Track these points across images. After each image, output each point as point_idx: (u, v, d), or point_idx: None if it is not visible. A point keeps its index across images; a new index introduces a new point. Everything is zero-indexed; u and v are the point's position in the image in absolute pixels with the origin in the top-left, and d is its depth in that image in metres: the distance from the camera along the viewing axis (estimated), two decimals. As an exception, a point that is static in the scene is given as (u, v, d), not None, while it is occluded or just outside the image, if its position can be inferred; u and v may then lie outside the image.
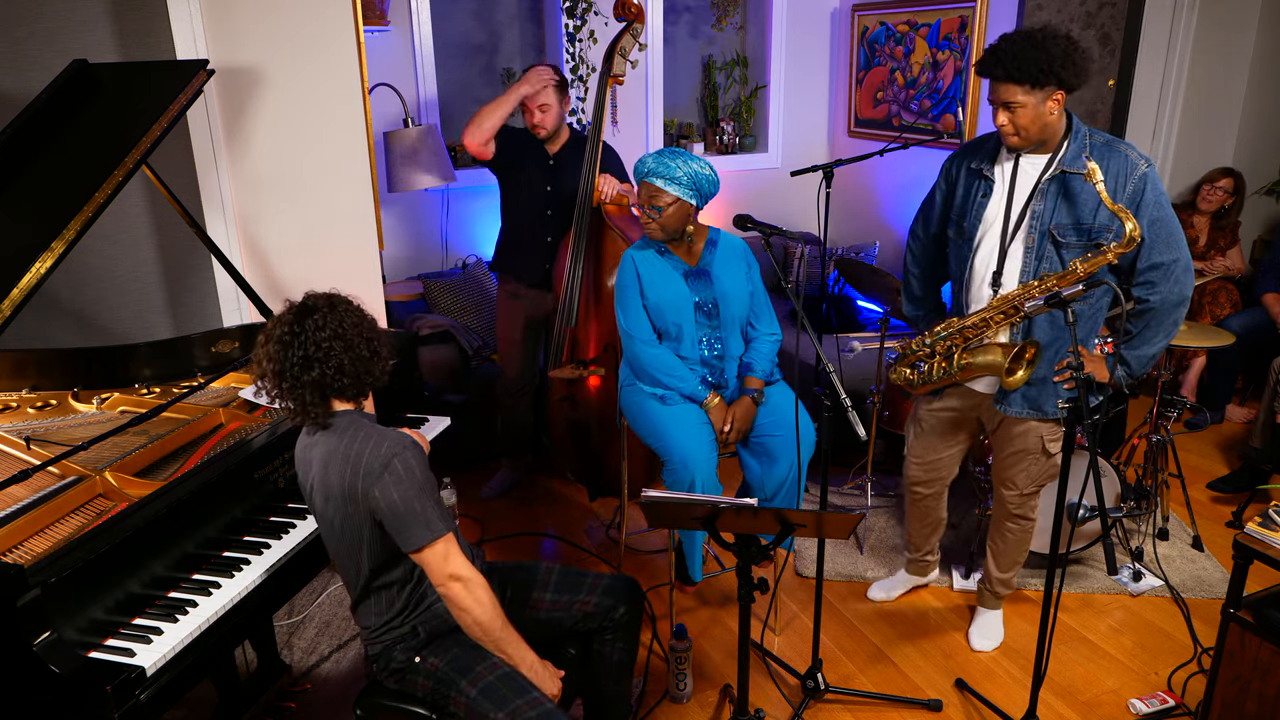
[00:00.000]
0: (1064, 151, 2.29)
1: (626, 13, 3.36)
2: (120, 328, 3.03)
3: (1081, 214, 2.29)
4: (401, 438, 1.78)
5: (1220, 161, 4.84)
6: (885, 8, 4.89)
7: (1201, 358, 4.38)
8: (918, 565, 3.05)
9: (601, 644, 2.14)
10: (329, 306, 1.79)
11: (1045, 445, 2.55)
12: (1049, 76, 2.17)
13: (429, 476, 1.78)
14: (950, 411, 2.66)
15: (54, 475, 1.98)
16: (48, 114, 2.41)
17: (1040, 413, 2.48)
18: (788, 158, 5.31)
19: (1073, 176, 2.28)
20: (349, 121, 3.02)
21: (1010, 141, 2.30)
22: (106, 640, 1.69)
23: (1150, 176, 2.25)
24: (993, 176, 2.40)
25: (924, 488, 2.84)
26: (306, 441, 1.86)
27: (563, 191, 3.46)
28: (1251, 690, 2.13)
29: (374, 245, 3.19)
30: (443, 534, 1.75)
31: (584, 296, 3.37)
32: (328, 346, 1.74)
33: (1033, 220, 2.33)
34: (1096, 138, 2.31)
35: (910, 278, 2.75)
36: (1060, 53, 2.17)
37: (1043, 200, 2.32)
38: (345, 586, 1.96)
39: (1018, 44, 2.19)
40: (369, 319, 1.84)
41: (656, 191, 2.63)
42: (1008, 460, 2.62)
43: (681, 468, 2.59)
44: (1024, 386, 2.43)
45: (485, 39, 4.75)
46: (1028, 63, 2.16)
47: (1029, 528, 2.73)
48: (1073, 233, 2.30)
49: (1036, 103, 2.21)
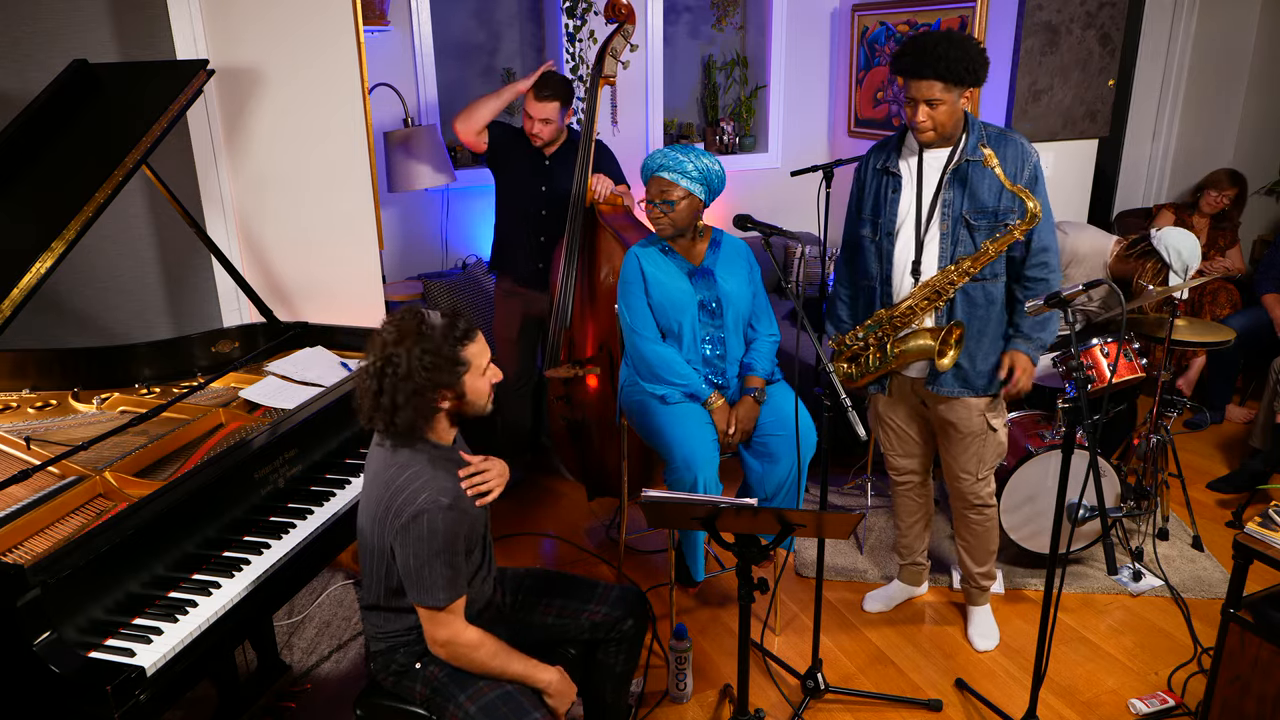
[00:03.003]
0: (964, 143, 2.43)
1: (616, 14, 3.37)
2: (120, 328, 3.03)
3: (987, 198, 2.43)
4: (439, 496, 1.75)
5: (1220, 161, 4.84)
6: (885, 8, 4.89)
7: (1201, 358, 4.38)
8: (910, 572, 3.04)
9: (605, 654, 2.14)
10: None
11: (988, 421, 2.61)
12: (970, 76, 2.32)
13: (452, 541, 1.76)
14: (900, 400, 2.73)
15: (54, 475, 1.98)
16: (48, 114, 2.41)
17: (971, 389, 2.56)
18: (788, 158, 5.31)
19: (974, 164, 2.41)
20: (349, 121, 3.02)
21: (926, 137, 2.42)
22: (106, 640, 1.69)
23: (1039, 165, 2.44)
24: (899, 172, 2.53)
25: (910, 476, 2.87)
26: (375, 439, 1.88)
27: (557, 191, 3.46)
28: (1251, 690, 2.13)
29: (374, 245, 3.19)
30: (440, 605, 1.77)
31: (578, 296, 3.37)
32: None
33: (944, 209, 2.47)
34: (990, 129, 2.46)
35: (838, 303, 2.79)
36: (976, 53, 2.33)
37: (950, 189, 2.45)
38: (363, 582, 1.96)
39: (942, 45, 2.31)
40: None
41: (668, 186, 2.64)
42: (955, 447, 2.66)
43: (684, 468, 2.59)
44: (957, 368, 2.52)
45: (485, 39, 4.75)
46: (954, 63, 2.29)
47: (992, 514, 2.75)
48: (981, 216, 2.43)
49: (954, 100, 2.35)
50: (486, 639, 1.84)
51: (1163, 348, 3.24)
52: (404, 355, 1.73)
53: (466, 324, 1.81)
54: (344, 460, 2.41)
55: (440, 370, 1.75)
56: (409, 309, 1.81)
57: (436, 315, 1.79)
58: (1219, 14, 4.72)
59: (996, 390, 2.57)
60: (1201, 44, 4.76)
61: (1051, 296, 2.15)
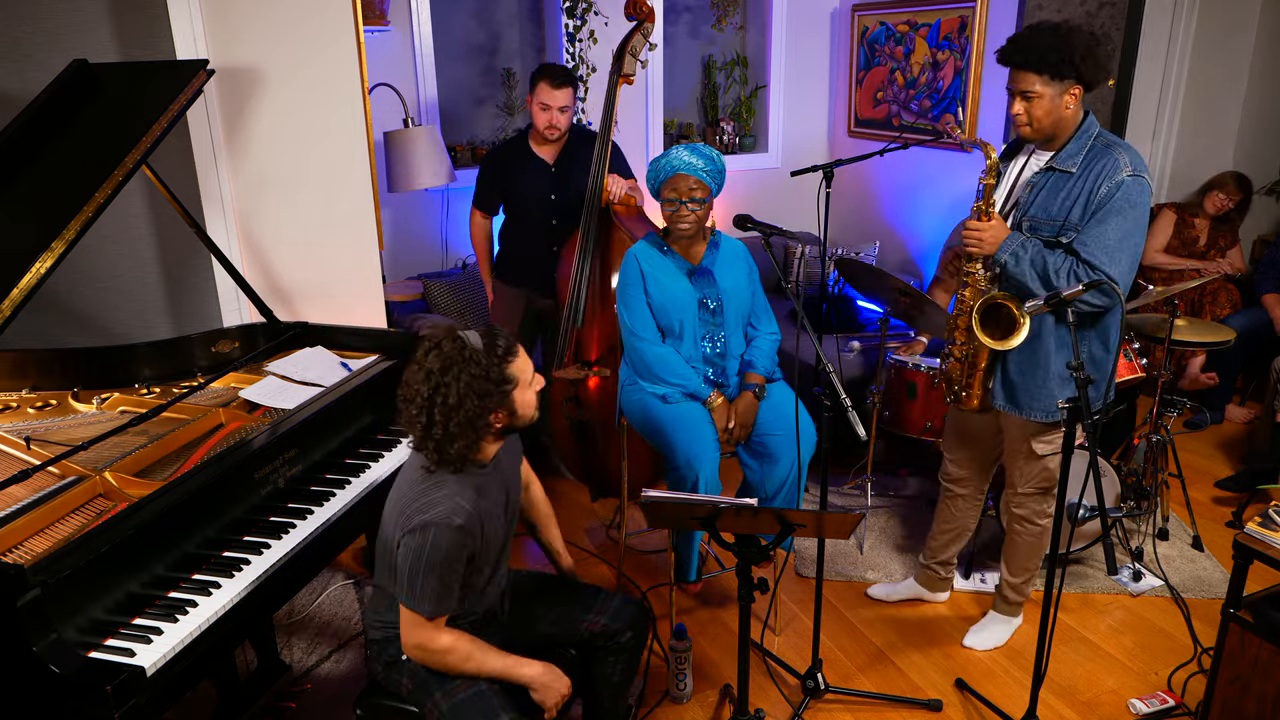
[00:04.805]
0: (1067, 148, 2.31)
1: (638, 12, 3.36)
2: (120, 328, 3.03)
3: (1056, 210, 2.29)
4: (453, 515, 1.74)
5: (1220, 161, 4.84)
6: (885, 8, 4.89)
7: (1201, 357, 4.37)
8: (927, 576, 3.02)
9: (603, 664, 2.12)
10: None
11: (1031, 446, 2.52)
12: (1069, 69, 2.19)
13: (452, 560, 1.76)
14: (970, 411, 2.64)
15: (54, 475, 1.98)
16: (48, 114, 2.41)
17: (1015, 407, 2.47)
18: (788, 158, 5.31)
19: (1061, 175, 2.30)
20: (349, 121, 3.02)
21: (1022, 131, 2.32)
22: (106, 640, 1.69)
23: (1129, 186, 2.21)
24: (1005, 166, 2.46)
25: (954, 485, 2.83)
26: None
27: (566, 197, 3.44)
28: (1251, 690, 2.13)
29: (374, 245, 3.19)
30: (424, 614, 1.77)
31: (591, 297, 3.35)
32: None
33: (1016, 210, 2.40)
34: (1102, 139, 2.30)
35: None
36: (1083, 47, 2.18)
37: (1028, 191, 2.36)
38: (375, 564, 1.97)
39: (1042, 34, 2.20)
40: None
41: (696, 184, 2.66)
42: (1006, 454, 2.63)
43: (685, 466, 2.59)
44: (1007, 380, 2.45)
45: (485, 39, 4.75)
46: (1049, 53, 2.18)
47: (1034, 532, 2.68)
48: (1044, 227, 2.32)
49: (1053, 95, 2.23)
50: (459, 643, 1.83)
51: (1163, 348, 3.24)
52: (452, 385, 1.71)
53: (507, 340, 1.80)
54: (344, 460, 2.41)
55: (490, 395, 1.74)
56: (444, 333, 1.77)
57: (474, 335, 1.76)
58: (1219, 14, 4.72)
59: (1047, 420, 2.44)
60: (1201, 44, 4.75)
61: (1051, 296, 2.15)
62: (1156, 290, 3.26)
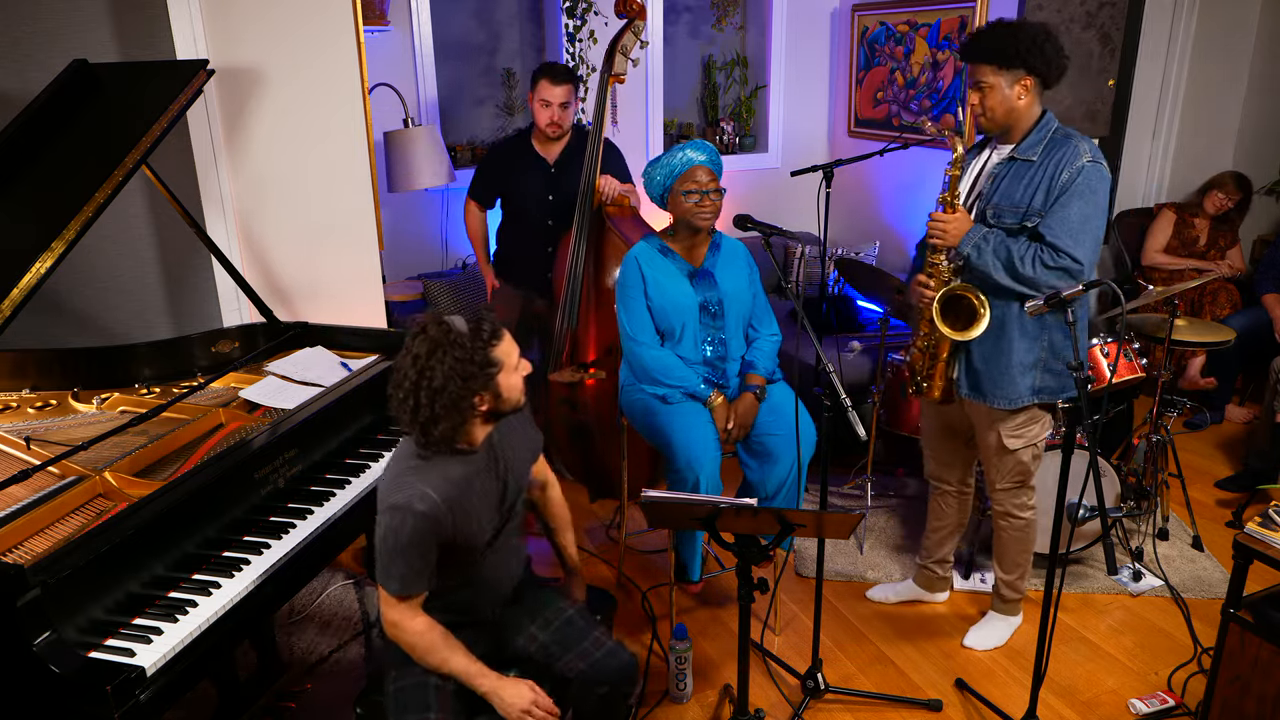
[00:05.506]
0: (1025, 140, 2.39)
1: (628, 10, 3.35)
2: (120, 328, 3.03)
3: (1019, 196, 2.35)
4: (416, 502, 1.74)
5: (1220, 161, 4.84)
6: (885, 8, 4.89)
7: (1200, 357, 4.37)
8: (925, 576, 3.03)
9: (581, 701, 2.01)
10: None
11: (1001, 439, 2.53)
12: (1016, 60, 2.28)
13: (416, 544, 1.75)
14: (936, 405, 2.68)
15: (54, 475, 1.98)
16: (48, 114, 2.41)
17: (980, 395, 2.49)
18: (788, 158, 5.31)
19: (1020, 163, 2.37)
20: (349, 121, 3.02)
21: (980, 122, 2.41)
22: (106, 640, 1.69)
23: (1089, 171, 2.28)
24: (969, 160, 2.54)
25: (939, 482, 2.86)
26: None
27: (565, 197, 3.44)
28: (1251, 690, 2.14)
29: (374, 245, 3.19)
30: (391, 592, 1.80)
31: (585, 297, 3.35)
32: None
33: (978, 200, 2.45)
34: (1060, 131, 2.38)
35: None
36: (1028, 39, 2.28)
37: (991, 181, 2.43)
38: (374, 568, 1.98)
39: (995, 28, 2.32)
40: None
41: (710, 176, 2.70)
42: (981, 450, 2.65)
43: (686, 467, 2.59)
44: (971, 369, 2.48)
45: (485, 39, 4.75)
46: (997, 43, 2.29)
47: (1018, 526, 2.70)
48: (1008, 214, 2.37)
49: (1004, 85, 2.32)
50: (430, 634, 1.83)
51: (1163, 348, 3.24)
52: (437, 367, 1.73)
53: (492, 324, 1.81)
54: (344, 460, 2.41)
55: (474, 378, 1.75)
56: (431, 318, 1.79)
57: (460, 320, 1.77)
58: (1219, 14, 4.72)
59: (1012, 408, 2.47)
60: (1201, 44, 4.75)
61: (1051, 297, 2.15)
62: (1156, 290, 3.26)
